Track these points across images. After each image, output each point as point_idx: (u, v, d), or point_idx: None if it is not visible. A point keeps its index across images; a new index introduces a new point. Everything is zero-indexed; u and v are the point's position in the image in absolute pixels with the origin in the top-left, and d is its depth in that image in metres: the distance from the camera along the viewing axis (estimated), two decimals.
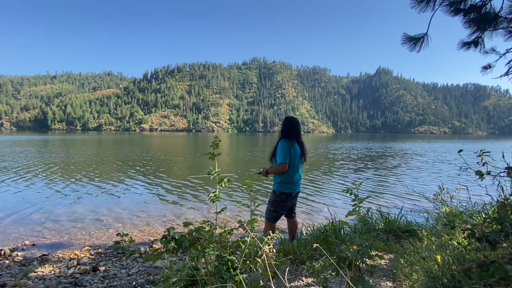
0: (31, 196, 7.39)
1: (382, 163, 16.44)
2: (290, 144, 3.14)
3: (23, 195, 7.51)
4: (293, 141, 3.18)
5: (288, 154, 3.10)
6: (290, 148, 3.11)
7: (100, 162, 15.32)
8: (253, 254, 1.80)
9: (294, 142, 3.19)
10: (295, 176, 3.20)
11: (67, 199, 7.15)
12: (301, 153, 3.25)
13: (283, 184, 3.19)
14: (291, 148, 3.13)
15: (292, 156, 3.14)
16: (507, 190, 2.50)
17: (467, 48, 3.56)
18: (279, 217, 3.29)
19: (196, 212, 6.17)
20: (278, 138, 3.30)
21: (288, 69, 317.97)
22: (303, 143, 3.31)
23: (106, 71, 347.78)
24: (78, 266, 3.44)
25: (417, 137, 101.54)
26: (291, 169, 3.15)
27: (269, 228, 3.24)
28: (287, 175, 3.16)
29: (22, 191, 7.99)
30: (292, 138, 3.20)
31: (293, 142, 3.18)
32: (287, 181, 3.18)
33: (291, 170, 3.15)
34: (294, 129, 3.25)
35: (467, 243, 1.85)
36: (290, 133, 3.23)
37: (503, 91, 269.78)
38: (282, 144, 3.13)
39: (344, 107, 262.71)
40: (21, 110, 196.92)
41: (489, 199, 3.36)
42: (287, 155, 3.09)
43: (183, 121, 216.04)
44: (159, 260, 1.51)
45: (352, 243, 1.75)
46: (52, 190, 8.15)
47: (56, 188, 8.49)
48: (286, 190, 3.18)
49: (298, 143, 3.25)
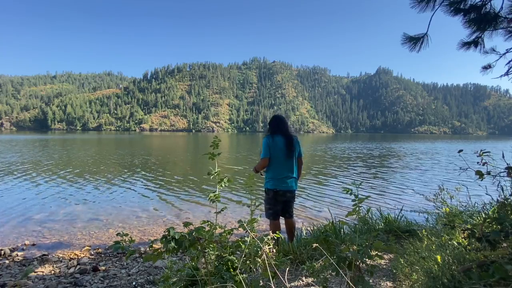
0: (31, 196, 7.39)
1: (382, 163, 16.45)
2: (271, 139, 3.19)
3: (23, 195, 7.50)
4: (274, 135, 3.22)
5: (268, 149, 3.16)
6: (269, 143, 3.17)
7: (100, 162, 15.32)
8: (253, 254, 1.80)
9: (276, 136, 3.22)
10: (280, 171, 3.19)
11: (67, 199, 7.15)
12: (286, 147, 3.19)
13: (268, 180, 3.24)
14: (270, 143, 3.17)
15: (273, 149, 3.17)
16: (507, 190, 2.50)
17: (467, 48, 3.56)
18: (277, 213, 3.29)
19: (196, 212, 6.17)
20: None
21: (288, 69, 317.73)
22: (291, 136, 3.28)
23: (106, 71, 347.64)
24: (78, 266, 3.44)
25: (417, 137, 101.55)
26: (274, 164, 3.19)
27: (272, 225, 3.27)
28: (271, 171, 3.21)
29: (22, 191, 7.99)
30: (274, 133, 3.24)
31: (274, 136, 3.21)
32: (271, 177, 3.21)
33: (274, 165, 3.19)
34: (276, 124, 3.29)
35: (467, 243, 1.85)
36: (272, 128, 3.28)
37: (503, 91, 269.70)
38: (263, 140, 3.23)
39: (344, 107, 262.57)
40: (21, 110, 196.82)
41: (489, 199, 3.36)
42: (267, 150, 3.16)
43: (183, 121, 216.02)
44: (159, 260, 1.51)
45: (352, 243, 1.75)
46: (52, 190, 8.15)
47: (56, 188, 8.49)
48: (271, 186, 3.21)
49: (284, 136, 3.24)
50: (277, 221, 3.31)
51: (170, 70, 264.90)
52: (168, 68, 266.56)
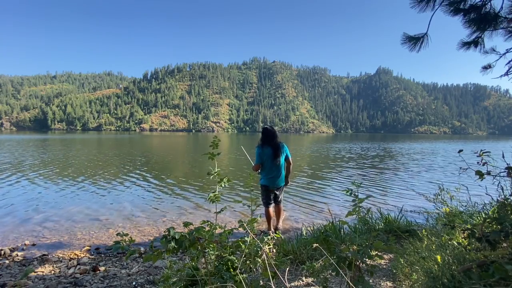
0: (31, 196, 7.39)
1: (382, 163, 16.44)
2: (261, 149, 4.26)
3: (23, 195, 7.50)
4: (264, 147, 4.26)
5: (259, 157, 4.25)
6: (260, 152, 4.26)
7: (100, 162, 15.31)
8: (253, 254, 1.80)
9: (266, 147, 4.25)
10: (268, 172, 4.30)
11: (67, 199, 7.15)
12: (273, 154, 4.22)
13: (262, 178, 4.39)
14: (261, 153, 4.25)
15: (263, 157, 4.25)
16: (507, 190, 2.50)
17: (467, 48, 3.56)
18: (268, 202, 4.41)
19: (196, 212, 6.17)
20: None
21: (288, 69, 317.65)
22: (278, 145, 4.28)
23: (106, 71, 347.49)
24: (78, 266, 3.44)
25: (417, 137, 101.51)
26: (264, 168, 4.31)
27: (266, 211, 4.42)
28: (263, 172, 4.35)
29: (22, 191, 7.99)
30: (264, 144, 4.27)
31: (264, 147, 4.25)
32: (263, 176, 4.37)
33: (265, 168, 4.31)
34: (265, 138, 4.31)
35: (467, 243, 1.85)
36: (262, 141, 4.34)
37: (503, 91, 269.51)
38: (256, 150, 4.33)
39: (344, 107, 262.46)
40: (21, 110, 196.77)
41: (489, 199, 3.36)
42: (258, 157, 4.26)
43: (183, 121, 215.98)
44: (159, 260, 1.51)
45: (352, 243, 1.75)
46: (52, 190, 8.15)
47: (56, 188, 8.49)
48: (263, 182, 4.38)
49: (271, 146, 4.25)
50: (269, 208, 4.40)
51: (170, 70, 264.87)
52: (168, 68, 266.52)
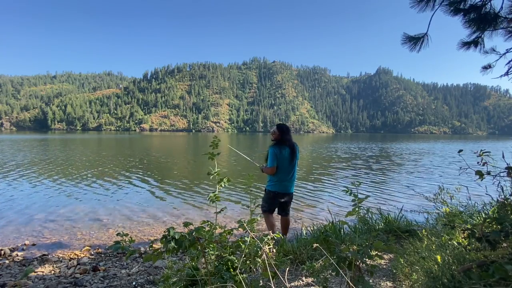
0: (31, 196, 7.39)
1: (382, 163, 16.44)
2: (278, 150, 3.58)
3: (23, 195, 7.50)
4: (282, 147, 3.60)
5: (275, 159, 3.56)
6: (277, 154, 3.57)
7: (100, 162, 15.31)
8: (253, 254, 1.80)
9: (283, 147, 3.61)
10: (283, 177, 3.63)
11: (67, 199, 7.15)
12: (290, 156, 3.61)
13: (272, 183, 3.68)
14: (279, 154, 3.57)
15: (280, 160, 3.58)
16: (507, 190, 2.50)
17: (467, 48, 3.56)
18: (271, 210, 3.74)
19: (196, 212, 6.17)
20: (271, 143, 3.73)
21: (288, 69, 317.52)
22: (294, 145, 3.68)
23: (106, 71, 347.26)
24: (78, 266, 3.44)
25: (417, 137, 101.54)
26: (279, 171, 3.61)
27: (266, 220, 3.73)
28: (276, 176, 3.64)
29: (22, 191, 7.99)
30: (282, 144, 3.62)
31: (282, 148, 3.59)
32: (275, 181, 3.65)
33: (279, 172, 3.61)
34: (284, 135, 3.65)
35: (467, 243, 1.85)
36: (280, 139, 3.64)
37: (503, 91, 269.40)
38: (271, 150, 3.60)
39: (344, 107, 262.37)
40: (21, 110, 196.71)
41: (489, 199, 3.36)
42: (275, 160, 3.56)
43: (183, 121, 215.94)
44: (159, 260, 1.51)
45: (352, 243, 1.75)
46: (52, 190, 8.15)
47: (56, 188, 8.49)
48: (273, 188, 3.66)
49: (289, 146, 3.63)
50: (271, 216, 3.74)
51: (170, 70, 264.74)
52: (168, 68, 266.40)
